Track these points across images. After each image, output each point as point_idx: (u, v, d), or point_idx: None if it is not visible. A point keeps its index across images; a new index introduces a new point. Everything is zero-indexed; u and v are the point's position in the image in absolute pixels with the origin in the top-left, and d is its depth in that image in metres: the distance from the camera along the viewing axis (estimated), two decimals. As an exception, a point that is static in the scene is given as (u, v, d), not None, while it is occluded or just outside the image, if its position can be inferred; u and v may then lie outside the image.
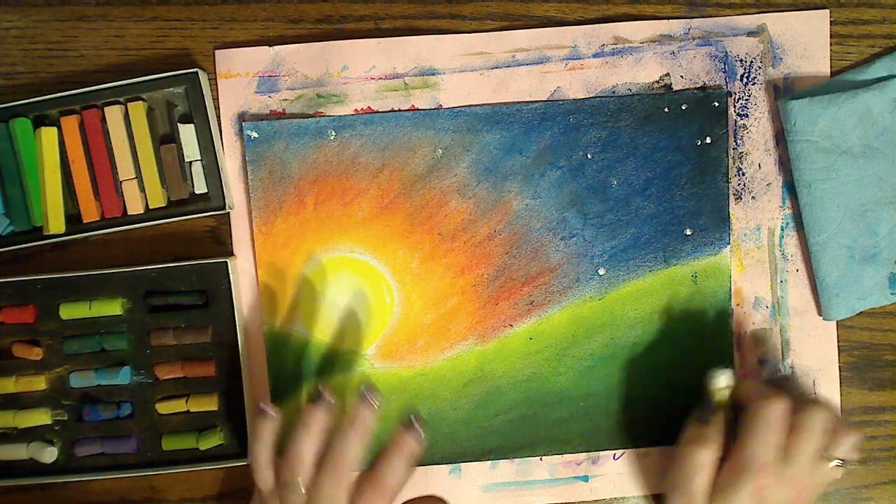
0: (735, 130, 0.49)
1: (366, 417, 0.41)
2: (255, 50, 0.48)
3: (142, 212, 0.47)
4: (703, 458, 0.43)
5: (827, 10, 0.49)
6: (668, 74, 0.49)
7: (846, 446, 0.42)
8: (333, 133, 0.48)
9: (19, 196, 0.47)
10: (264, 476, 0.42)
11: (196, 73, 0.47)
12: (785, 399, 0.42)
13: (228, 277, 0.47)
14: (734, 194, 0.49)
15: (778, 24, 0.49)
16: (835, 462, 0.42)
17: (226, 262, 0.47)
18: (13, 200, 0.47)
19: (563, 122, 0.48)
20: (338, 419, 0.42)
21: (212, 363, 0.48)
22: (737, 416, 0.45)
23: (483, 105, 0.49)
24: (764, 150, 0.49)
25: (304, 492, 0.40)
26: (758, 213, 0.50)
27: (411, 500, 0.43)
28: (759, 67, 0.49)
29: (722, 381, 0.46)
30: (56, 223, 0.47)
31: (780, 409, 0.42)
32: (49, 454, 0.48)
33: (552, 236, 0.49)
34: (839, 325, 0.50)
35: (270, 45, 0.48)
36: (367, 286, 0.49)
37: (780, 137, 0.49)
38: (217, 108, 0.48)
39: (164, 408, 0.48)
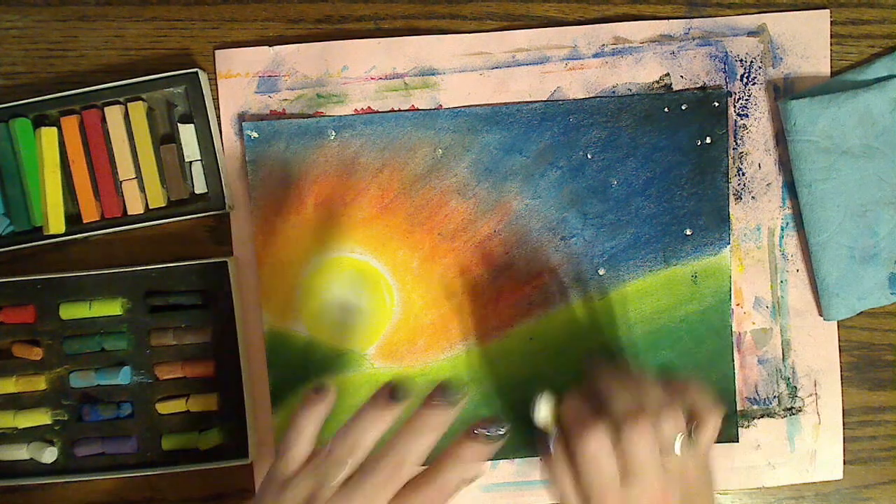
0: (735, 130, 0.49)
1: (440, 419, 0.37)
2: (255, 50, 0.48)
3: (142, 212, 0.47)
4: (563, 489, 0.40)
5: (827, 10, 0.49)
6: (668, 74, 0.49)
7: (676, 427, 0.39)
8: (333, 133, 0.48)
9: (19, 196, 0.47)
10: (300, 448, 0.37)
11: (196, 73, 0.47)
12: (599, 426, 0.38)
13: (228, 277, 0.47)
14: (734, 194, 0.49)
15: (778, 24, 0.49)
16: (677, 445, 0.38)
17: (226, 262, 0.47)
18: (13, 200, 0.47)
19: (563, 122, 0.48)
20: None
21: (212, 363, 0.48)
22: None
23: (483, 105, 0.49)
24: (764, 150, 0.49)
25: (343, 477, 0.36)
26: (758, 213, 0.50)
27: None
28: (759, 67, 0.49)
29: (543, 410, 0.42)
30: (56, 223, 0.47)
31: (597, 440, 0.38)
32: (49, 454, 0.48)
33: (552, 236, 0.49)
34: (839, 325, 0.50)
35: (270, 45, 0.48)
36: (367, 286, 0.49)
37: (780, 137, 0.49)
38: (217, 108, 0.48)
39: (164, 408, 0.48)
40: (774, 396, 0.50)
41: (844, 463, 0.50)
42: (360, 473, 0.36)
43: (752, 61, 0.49)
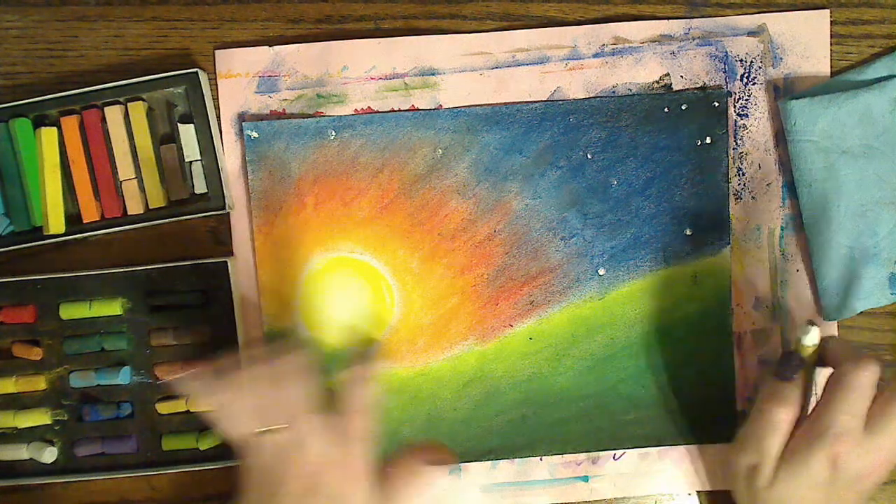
0: (735, 130, 0.49)
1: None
2: (255, 50, 0.48)
3: (142, 212, 0.47)
4: (779, 417, 0.41)
5: (827, 10, 0.49)
6: (668, 74, 0.49)
7: None
8: (333, 133, 0.48)
9: (19, 196, 0.47)
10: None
11: (196, 73, 0.47)
12: (877, 365, 0.40)
13: (228, 277, 0.47)
14: (734, 194, 0.49)
15: (778, 24, 0.49)
16: None
17: (226, 262, 0.47)
18: (13, 200, 0.47)
19: (563, 122, 0.48)
20: None
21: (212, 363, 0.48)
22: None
23: (483, 105, 0.49)
24: (764, 150, 0.49)
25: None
26: (758, 213, 0.50)
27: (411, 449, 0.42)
28: (759, 67, 0.49)
29: (813, 337, 0.42)
30: (56, 223, 0.47)
31: (872, 376, 0.40)
32: (49, 454, 0.48)
33: (552, 236, 0.49)
34: (839, 325, 0.50)
35: (270, 45, 0.48)
36: (367, 286, 0.49)
37: (780, 137, 0.49)
38: (217, 108, 0.48)
39: (164, 408, 0.48)
40: (774, 396, 0.50)
41: (844, 463, 0.50)
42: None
43: (752, 61, 0.49)
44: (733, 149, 0.49)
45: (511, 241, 0.49)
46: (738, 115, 0.49)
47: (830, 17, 0.49)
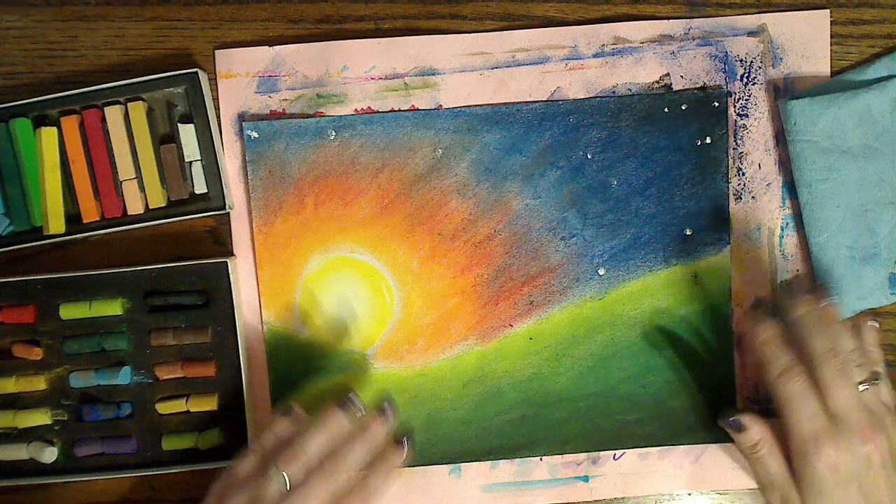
0: (735, 130, 0.49)
1: (378, 430, 0.43)
2: (255, 50, 0.48)
3: (142, 212, 0.47)
4: (757, 450, 0.44)
5: (827, 10, 0.49)
6: (668, 74, 0.49)
7: (869, 361, 0.43)
8: (333, 133, 0.48)
9: (19, 196, 0.47)
10: (250, 461, 0.41)
11: (196, 73, 0.47)
12: (800, 371, 0.42)
13: (228, 277, 0.47)
14: (734, 194, 0.49)
15: (778, 24, 0.49)
16: (864, 386, 0.42)
17: (226, 262, 0.47)
18: (13, 200, 0.47)
19: (563, 122, 0.48)
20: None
21: (212, 363, 0.48)
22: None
23: (483, 105, 0.49)
24: (764, 150, 0.49)
25: (289, 486, 0.40)
26: (758, 213, 0.50)
27: None
28: (759, 67, 0.49)
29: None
30: (56, 223, 0.47)
31: (801, 382, 0.41)
32: (49, 454, 0.48)
33: (552, 236, 0.49)
34: (839, 325, 0.50)
35: (270, 45, 0.48)
36: (367, 286, 0.49)
37: (780, 137, 0.49)
38: (217, 108, 0.48)
39: (164, 408, 0.48)
40: (774, 396, 0.50)
41: (844, 463, 0.50)
42: (298, 483, 0.40)
43: (752, 61, 0.49)
44: (733, 149, 0.49)
45: (511, 241, 0.49)
46: (738, 115, 0.49)
47: (830, 17, 0.49)
